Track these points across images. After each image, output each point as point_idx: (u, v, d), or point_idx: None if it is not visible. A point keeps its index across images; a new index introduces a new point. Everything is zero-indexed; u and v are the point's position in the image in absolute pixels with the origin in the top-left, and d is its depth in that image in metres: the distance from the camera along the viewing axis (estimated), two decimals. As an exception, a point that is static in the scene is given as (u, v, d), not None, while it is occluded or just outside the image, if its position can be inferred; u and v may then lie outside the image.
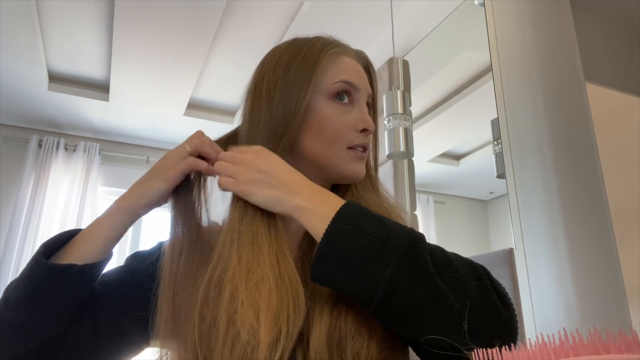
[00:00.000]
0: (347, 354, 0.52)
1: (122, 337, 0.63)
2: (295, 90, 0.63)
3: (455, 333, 0.45)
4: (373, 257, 0.47)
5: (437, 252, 0.49)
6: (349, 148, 0.65)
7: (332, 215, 0.51)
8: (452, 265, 0.48)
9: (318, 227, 0.52)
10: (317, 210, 0.54)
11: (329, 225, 0.50)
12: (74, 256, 0.59)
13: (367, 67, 0.73)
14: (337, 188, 0.71)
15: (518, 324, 0.49)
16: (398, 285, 0.46)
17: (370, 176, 0.72)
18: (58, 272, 0.57)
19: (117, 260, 0.69)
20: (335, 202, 0.54)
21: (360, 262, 0.48)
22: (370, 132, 0.67)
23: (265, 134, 0.63)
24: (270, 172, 0.59)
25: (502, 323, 0.47)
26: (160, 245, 0.68)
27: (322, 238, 0.50)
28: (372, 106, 0.72)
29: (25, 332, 0.57)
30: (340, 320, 0.54)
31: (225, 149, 0.66)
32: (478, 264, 0.51)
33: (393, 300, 0.47)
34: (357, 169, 0.66)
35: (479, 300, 0.47)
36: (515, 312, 0.50)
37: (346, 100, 0.66)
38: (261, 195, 0.58)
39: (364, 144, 0.67)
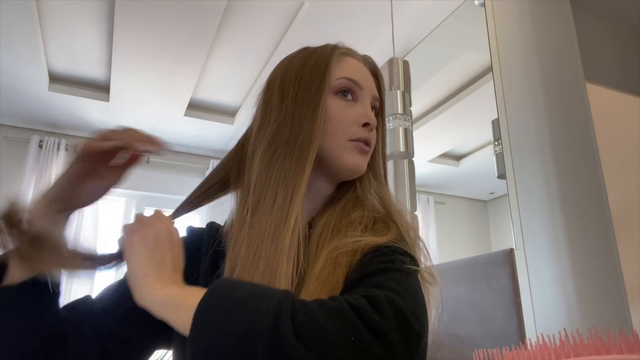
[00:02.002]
0: None
1: (130, 347, 0.63)
2: (310, 92, 0.65)
3: None
4: (241, 356, 0.43)
5: (304, 321, 0.45)
6: (351, 141, 0.66)
7: (193, 310, 0.45)
8: (321, 332, 0.44)
9: (181, 323, 0.47)
10: (178, 305, 0.49)
11: (191, 326, 0.45)
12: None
13: (375, 72, 0.74)
14: (341, 191, 0.70)
15: (415, 346, 0.46)
16: None
17: (378, 178, 0.72)
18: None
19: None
20: (190, 299, 0.47)
21: None
22: (372, 126, 0.67)
23: (273, 132, 0.64)
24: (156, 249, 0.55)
25: None
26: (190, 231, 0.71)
27: (188, 343, 0.45)
28: (380, 111, 0.73)
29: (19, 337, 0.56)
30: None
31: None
32: (351, 306, 0.46)
33: None
34: (357, 160, 0.66)
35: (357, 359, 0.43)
36: (411, 340, 0.47)
37: (350, 97, 0.68)
38: (136, 255, 0.54)
39: (366, 138, 0.67)
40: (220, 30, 2.32)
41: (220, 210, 0.71)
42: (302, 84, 0.65)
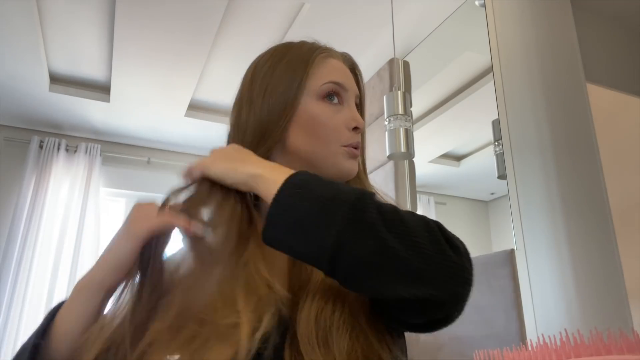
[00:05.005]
0: (331, 346, 0.52)
1: None
2: (280, 90, 0.65)
3: (408, 283, 0.46)
4: (321, 216, 0.48)
5: (386, 207, 0.50)
6: (343, 146, 0.67)
7: (283, 180, 0.53)
8: (401, 219, 0.49)
9: (270, 192, 0.53)
10: (269, 176, 0.55)
11: (278, 189, 0.51)
12: (62, 347, 0.57)
13: (353, 68, 0.75)
14: None
15: (471, 271, 0.49)
16: (346, 239, 0.47)
17: (359, 177, 0.73)
18: None
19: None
20: (288, 171, 0.55)
21: (308, 222, 0.49)
22: (361, 130, 0.69)
23: (250, 135, 0.66)
24: (234, 152, 0.62)
25: (452, 268, 0.47)
26: None
27: (272, 202, 0.51)
28: (360, 106, 0.74)
29: None
30: (326, 312, 0.54)
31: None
32: (433, 220, 0.52)
33: (342, 256, 0.47)
34: (350, 166, 0.68)
35: (428, 249, 0.47)
36: (470, 260, 0.50)
37: (336, 100, 0.68)
38: (218, 167, 0.61)
39: (356, 143, 0.68)
40: (220, 31, 2.32)
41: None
42: (273, 85, 0.66)
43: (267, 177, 0.55)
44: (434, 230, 0.49)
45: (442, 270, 0.47)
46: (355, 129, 0.68)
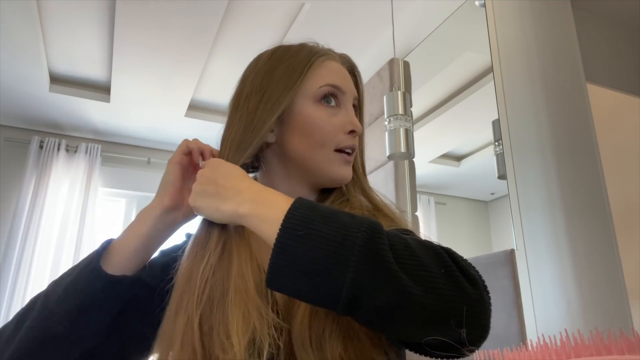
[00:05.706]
0: (324, 349, 0.52)
1: (147, 347, 0.63)
2: (277, 92, 0.64)
3: (432, 329, 0.45)
4: (331, 262, 0.44)
5: (398, 244, 0.46)
6: (337, 150, 0.66)
7: (280, 219, 0.47)
8: (415, 256, 0.46)
9: (267, 233, 0.49)
10: (261, 214, 0.51)
11: (278, 234, 0.46)
12: (118, 267, 0.60)
13: (352, 69, 0.74)
14: (325, 192, 0.71)
15: (490, 302, 0.48)
16: (362, 288, 0.43)
17: (359, 178, 0.72)
18: (114, 283, 0.59)
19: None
20: (280, 203, 0.50)
21: (318, 269, 0.44)
22: (357, 133, 0.68)
23: (241, 135, 0.64)
24: (212, 179, 0.56)
25: (474, 307, 0.46)
26: (188, 237, 0.68)
27: (274, 249, 0.46)
28: (359, 108, 0.73)
29: (68, 344, 0.58)
30: (320, 316, 0.54)
31: None
32: (440, 246, 0.50)
33: (360, 304, 0.44)
34: (343, 172, 0.67)
35: (447, 289, 0.45)
36: (487, 289, 0.49)
37: (333, 103, 0.67)
38: (204, 208, 0.56)
39: (352, 146, 0.67)
40: (221, 31, 2.32)
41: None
42: (269, 89, 0.65)
43: (255, 215, 0.51)
44: (449, 264, 0.47)
45: (466, 313, 0.45)
46: (352, 132, 0.67)
